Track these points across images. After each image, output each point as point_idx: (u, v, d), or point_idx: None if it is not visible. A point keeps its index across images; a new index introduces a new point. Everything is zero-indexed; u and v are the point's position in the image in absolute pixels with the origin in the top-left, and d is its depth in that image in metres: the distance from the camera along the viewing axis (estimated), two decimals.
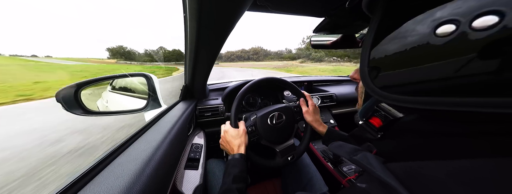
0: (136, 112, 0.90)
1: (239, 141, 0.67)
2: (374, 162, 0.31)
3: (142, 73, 0.93)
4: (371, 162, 0.31)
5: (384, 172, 0.28)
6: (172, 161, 0.56)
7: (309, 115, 0.81)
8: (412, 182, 0.26)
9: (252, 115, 0.81)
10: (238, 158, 0.62)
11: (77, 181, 0.33)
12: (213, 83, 1.36)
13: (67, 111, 0.70)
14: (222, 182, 0.58)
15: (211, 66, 0.82)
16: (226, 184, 0.55)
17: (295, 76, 1.99)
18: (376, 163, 0.31)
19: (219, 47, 0.64)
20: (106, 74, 0.88)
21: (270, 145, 0.79)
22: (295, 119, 0.85)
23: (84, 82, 0.77)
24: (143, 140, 0.52)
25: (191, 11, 0.44)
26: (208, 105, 1.04)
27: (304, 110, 0.82)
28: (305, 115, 0.82)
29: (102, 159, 0.40)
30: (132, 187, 0.32)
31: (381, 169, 0.29)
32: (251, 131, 0.75)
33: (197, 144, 0.85)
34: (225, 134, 0.71)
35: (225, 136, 0.71)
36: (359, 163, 0.34)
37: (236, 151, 0.65)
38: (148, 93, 0.92)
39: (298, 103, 0.87)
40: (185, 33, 0.60)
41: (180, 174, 0.67)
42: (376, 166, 0.30)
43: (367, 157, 0.34)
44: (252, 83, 0.83)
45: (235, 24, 0.52)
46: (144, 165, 0.38)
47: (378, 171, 0.28)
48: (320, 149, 1.20)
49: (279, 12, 0.62)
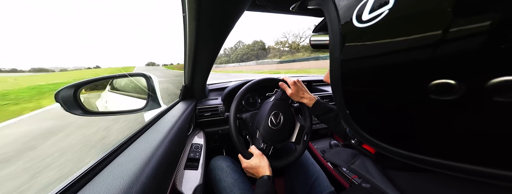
0: (136, 112, 0.90)
1: (261, 166, 0.68)
2: (373, 170, 0.29)
3: (142, 74, 0.93)
4: (369, 170, 0.29)
5: (383, 182, 0.26)
6: (172, 161, 0.56)
7: (295, 94, 0.81)
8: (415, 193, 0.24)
9: (254, 131, 0.82)
10: (265, 179, 0.64)
11: (77, 181, 0.33)
12: (212, 83, 1.36)
13: (66, 111, 0.70)
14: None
15: (210, 66, 0.82)
16: None
17: (295, 76, 1.99)
18: (375, 171, 0.29)
19: (218, 47, 0.64)
20: (106, 75, 0.88)
21: (285, 143, 0.82)
22: (288, 106, 0.86)
23: (83, 82, 0.77)
24: (143, 140, 0.52)
25: (190, 11, 0.44)
26: (208, 104, 1.04)
27: (288, 93, 0.82)
28: (292, 97, 0.82)
29: (102, 159, 0.40)
30: (131, 187, 0.32)
31: (380, 179, 0.27)
32: (265, 146, 0.76)
33: (197, 144, 0.85)
34: (247, 170, 0.72)
35: (247, 169, 0.72)
36: (357, 172, 0.31)
37: (262, 174, 0.67)
38: (147, 93, 0.92)
39: (281, 90, 0.87)
40: (184, 33, 0.60)
41: (180, 174, 0.67)
42: (375, 175, 0.28)
43: (365, 164, 0.31)
44: (251, 83, 0.83)
45: (234, 24, 0.52)
46: (144, 165, 0.38)
47: (377, 181, 0.27)
48: (320, 149, 1.20)
49: (279, 12, 0.62)
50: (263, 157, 0.71)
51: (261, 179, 0.64)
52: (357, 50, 0.24)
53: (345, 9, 0.25)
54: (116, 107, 1.43)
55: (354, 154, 0.37)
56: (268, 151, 0.76)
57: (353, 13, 0.23)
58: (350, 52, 0.25)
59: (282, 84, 0.85)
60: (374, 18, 0.21)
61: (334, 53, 0.27)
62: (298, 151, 0.79)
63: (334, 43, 0.27)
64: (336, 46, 0.26)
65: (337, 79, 0.27)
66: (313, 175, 0.83)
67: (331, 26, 0.28)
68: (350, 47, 0.25)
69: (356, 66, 0.25)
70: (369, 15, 0.21)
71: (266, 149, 0.75)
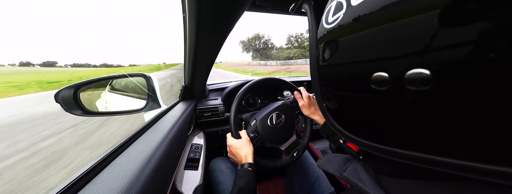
0: (136, 112, 0.89)
1: (245, 151, 0.67)
2: (365, 176, 0.29)
3: (142, 74, 0.93)
4: (361, 178, 0.29)
5: (376, 190, 0.26)
6: (172, 161, 0.56)
7: (306, 108, 0.81)
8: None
9: (251, 119, 0.81)
10: (246, 169, 0.62)
11: (77, 181, 0.33)
12: (212, 84, 1.36)
13: (66, 112, 0.70)
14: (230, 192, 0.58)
15: (210, 66, 0.82)
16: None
17: (295, 76, 1.99)
18: (367, 178, 0.28)
19: (218, 47, 0.64)
20: (106, 75, 0.88)
21: (275, 145, 0.79)
22: (294, 115, 0.85)
23: (83, 82, 0.77)
24: (143, 140, 0.52)
25: (190, 11, 0.44)
26: (208, 105, 1.04)
27: (300, 104, 0.82)
28: (302, 109, 0.82)
29: (102, 159, 0.40)
30: (131, 187, 0.32)
31: (372, 186, 0.26)
32: (254, 136, 0.75)
33: (197, 144, 0.85)
34: (230, 148, 0.71)
35: (230, 150, 0.71)
36: (349, 180, 0.31)
37: (244, 161, 0.65)
38: (147, 93, 0.92)
39: (294, 98, 0.87)
40: (184, 33, 0.60)
41: (180, 174, 0.67)
42: (367, 182, 0.27)
43: (357, 171, 0.31)
44: (251, 83, 0.83)
45: (234, 24, 0.52)
46: (144, 165, 0.38)
47: (369, 190, 0.26)
48: (320, 149, 1.20)
49: (279, 12, 0.62)
50: (249, 144, 0.70)
51: (242, 169, 0.63)
52: (326, 47, 0.28)
53: (320, 13, 0.30)
54: (116, 107, 1.43)
55: (346, 160, 0.36)
56: (255, 142, 0.74)
57: (323, 16, 0.28)
58: (322, 49, 0.29)
59: (297, 94, 0.85)
60: (335, 21, 0.25)
61: (311, 50, 0.32)
62: (282, 161, 0.77)
63: (312, 41, 0.32)
64: (313, 44, 0.31)
65: (314, 74, 0.32)
66: (313, 175, 0.82)
67: (311, 27, 0.34)
68: (322, 44, 0.29)
69: (326, 62, 0.29)
70: (332, 18, 0.26)
71: (254, 139, 0.74)
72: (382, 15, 0.19)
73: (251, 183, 0.59)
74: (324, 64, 0.29)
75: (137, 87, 1.01)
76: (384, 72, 0.20)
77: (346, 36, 0.24)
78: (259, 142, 0.76)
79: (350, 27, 0.23)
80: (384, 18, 0.19)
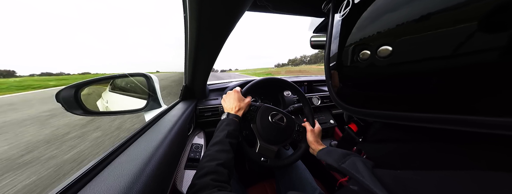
0: (136, 112, 0.90)
1: (240, 104, 0.69)
2: (363, 169, 0.31)
3: (142, 73, 0.93)
4: (359, 170, 0.31)
5: (372, 182, 0.27)
6: (172, 161, 0.56)
7: (313, 134, 0.78)
8: (401, 192, 0.25)
9: (260, 103, 0.82)
10: (233, 119, 0.64)
11: (77, 181, 0.33)
12: (213, 83, 1.36)
13: (67, 111, 0.70)
14: (214, 135, 0.59)
15: (211, 66, 0.82)
16: (219, 137, 0.57)
17: (295, 76, 1.99)
18: (364, 170, 0.31)
19: (219, 47, 0.64)
20: (106, 75, 0.88)
21: (257, 136, 0.75)
22: (292, 134, 0.81)
23: (84, 82, 0.77)
24: (143, 140, 0.52)
25: (191, 11, 0.44)
26: (208, 105, 1.04)
27: (309, 128, 0.81)
28: (309, 133, 0.79)
29: (103, 159, 0.40)
30: (132, 187, 0.32)
31: (369, 178, 0.28)
32: (252, 109, 0.77)
33: (197, 144, 0.85)
34: (229, 94, 0.74)
35: (228, 95, 0.73)
36: (347, 171, 0.33)
37: (234, 112, 0.66)
38: (148, 93, 0.92)
39: (303, 125, 0.85)
40: (185, 33, 0.60)
41: (180, 174, 0.67)
42: (365, 174, 0.30)
43: (355, 164, 0.33)
44: (252, 83, 0.83)
45: (235, 24, 0.52)
46: (144, 165, 0.38)
47: (366, 181, 0.28)
48: None
49: (279, 12, 0.62)
50: (247, 104, 0.73)
51: (229, 118, 0.64)
52: (336, 32, 0.36)
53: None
54: (117, 107, 1.43)
55: (346, 154, 0.39)
56: (249, 115, 0.76)
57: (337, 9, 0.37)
58: (335, 34, 0.37)
59: (307, 123, 0.84)
60: (345, 14, 0.33)
61: (329, 37, 0.39)
62: (249, 152, 0.71)
63: (331, 32, 0.39)
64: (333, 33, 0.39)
65: (328, 57, 0.39)
66: (298, 176, 0.81)
67: (331, 21, 0.40)
68: (334, 31, 0.37)
69: (335, 45, 0.37)
70: (344, 10, 0.33)
71: (251, 111, 0.76)
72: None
73: (237, 131, 0.61)
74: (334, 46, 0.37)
75: (137, 87, 1.01)
76: (367, 50, 0.28)
77: (349, 24, 0.32)
78: (255, 116, 0.77)
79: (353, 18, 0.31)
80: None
